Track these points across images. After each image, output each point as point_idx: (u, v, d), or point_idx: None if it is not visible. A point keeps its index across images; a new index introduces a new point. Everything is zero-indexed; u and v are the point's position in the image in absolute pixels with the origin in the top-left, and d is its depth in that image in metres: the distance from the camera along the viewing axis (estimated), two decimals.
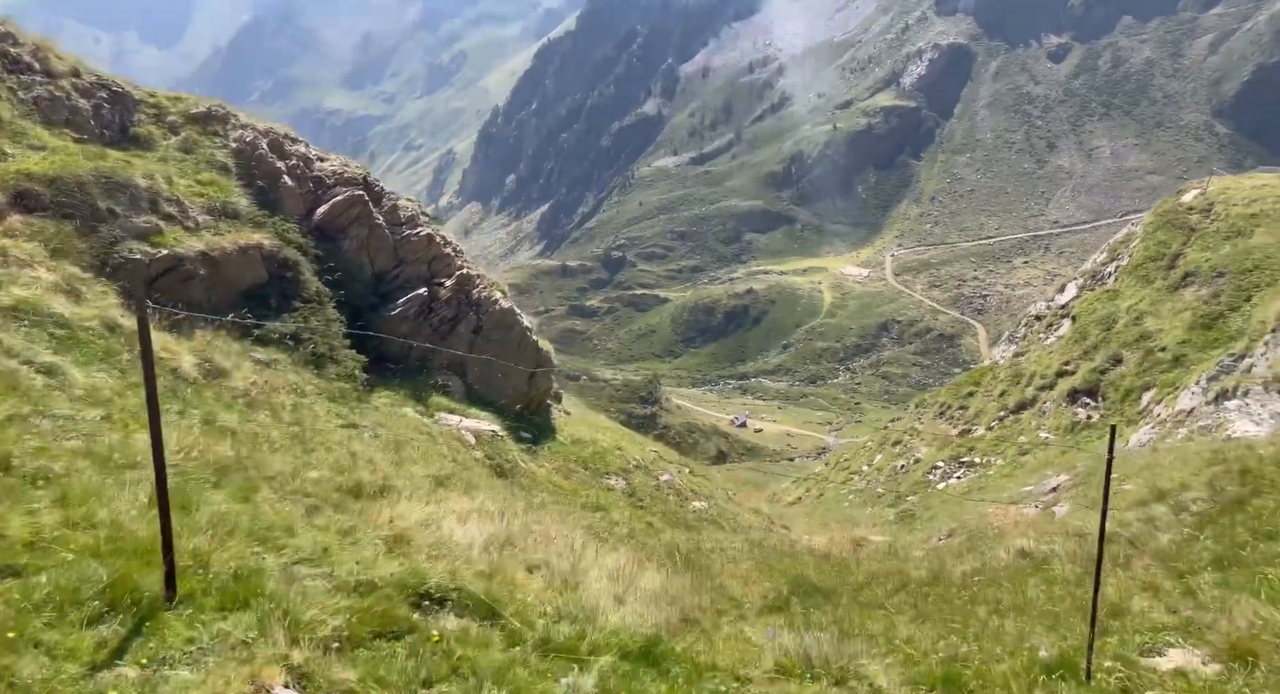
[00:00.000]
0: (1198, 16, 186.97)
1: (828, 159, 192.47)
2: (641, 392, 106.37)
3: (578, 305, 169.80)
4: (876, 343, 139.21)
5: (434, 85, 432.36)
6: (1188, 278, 20.80)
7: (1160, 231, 24.30)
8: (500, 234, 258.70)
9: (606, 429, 15.13)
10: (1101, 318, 21.64)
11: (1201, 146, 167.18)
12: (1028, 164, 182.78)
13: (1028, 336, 27.15)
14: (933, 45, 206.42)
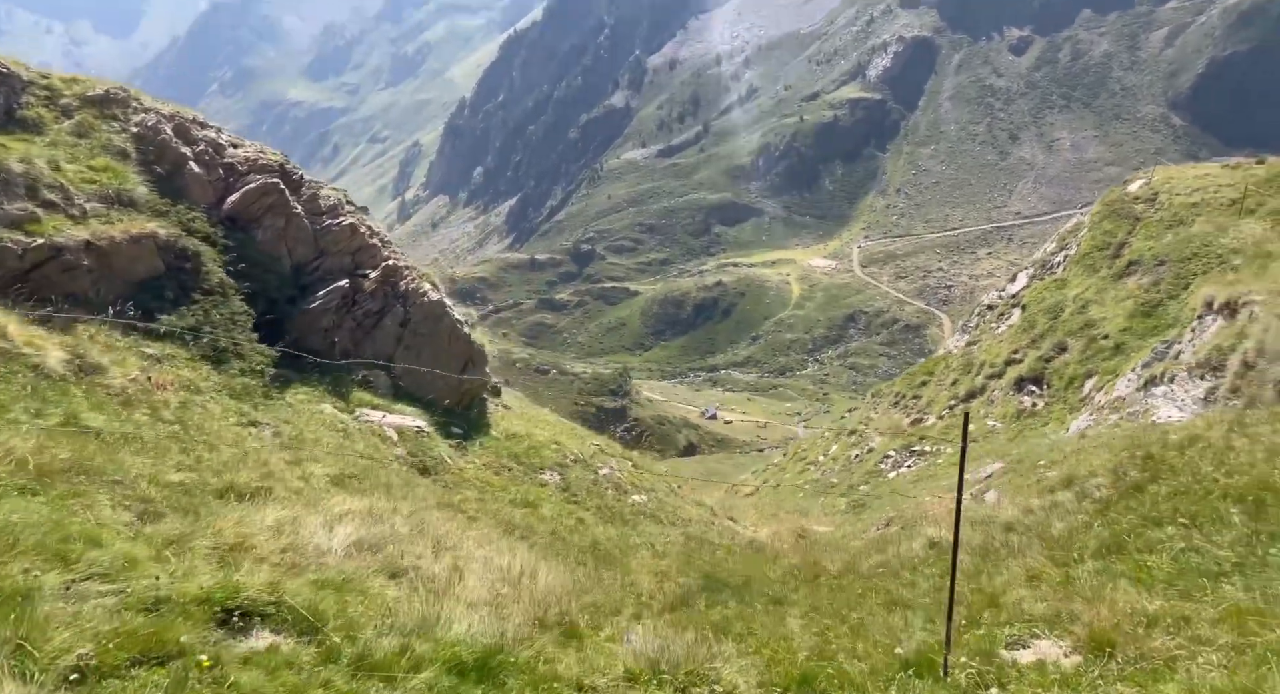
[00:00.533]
0: (1154, 10, 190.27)
1: (795, 151, 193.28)
2: (611, 385, 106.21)
3: (547, 299, 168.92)
4: (844, 334, 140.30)
5: (399, 77, 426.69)
6: (1131, 266, 21.18)
7: (1106, 221, 24.74)
8: (468, 227, 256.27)
9: (546, 423, 14.76)
10: (1049, 307, 22.00)
11: (1158, 138, 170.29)
12: (991, 156, 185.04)
13: (980, 326, 27.47)
14: (897, 38, 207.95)
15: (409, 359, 10.66)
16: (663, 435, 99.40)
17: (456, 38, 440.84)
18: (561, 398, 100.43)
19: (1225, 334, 12.91)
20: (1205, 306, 14.32)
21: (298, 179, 11.35)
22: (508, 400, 15.80)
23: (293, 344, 9.93)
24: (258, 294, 10.00)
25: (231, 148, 11.04)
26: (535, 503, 9.53)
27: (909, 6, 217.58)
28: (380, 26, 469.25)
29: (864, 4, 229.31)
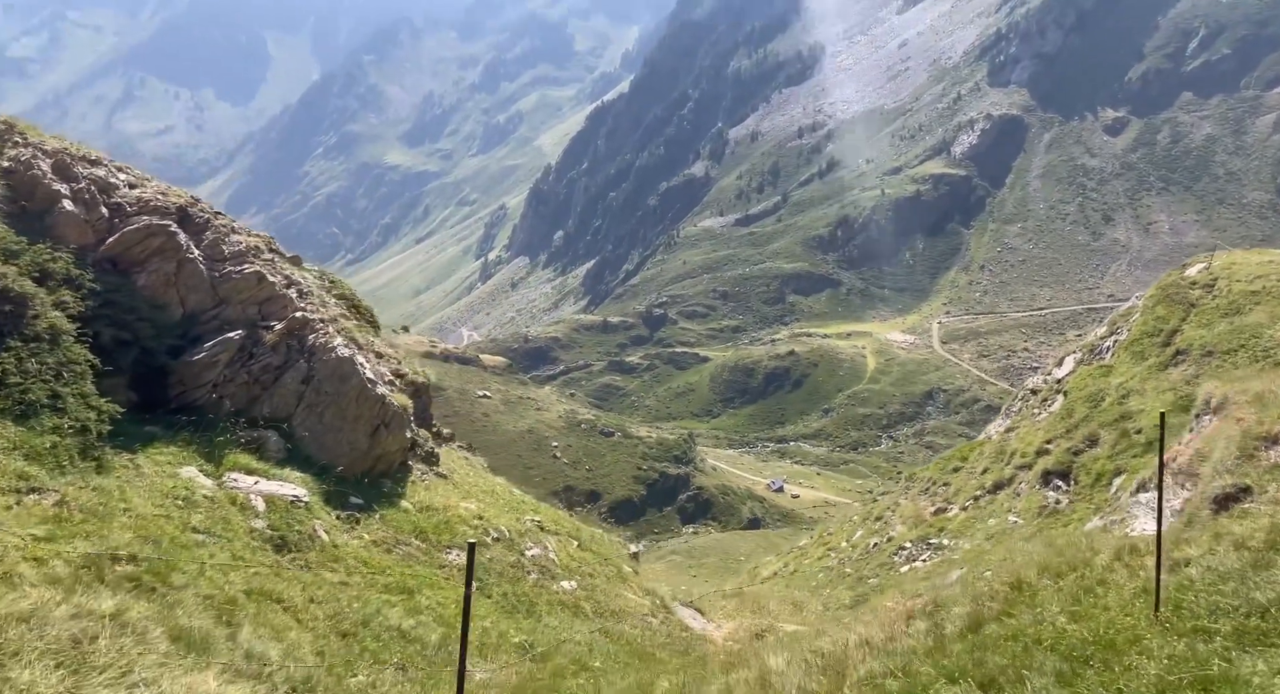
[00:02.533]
0: (1261, 95, 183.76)
1: (875, 224, 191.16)
2: (676, 451, 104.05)
3: (617, 361, 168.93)
4: (921, 411, 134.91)
5: (490, 143, 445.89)
6: (1178, 356, 19.73)
7: (1160, 306, 23.16)
8: (546, 288, 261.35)
9: (486, 494, 13.09)
10: (1090, 395, 20.52)
11: (1265, 225, 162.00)
12: (1082, 236, 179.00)
13: (1022, 411, 25.88)
14: (985, 115, 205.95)
15: (310, 420, 9.36)
16: (726, 506, 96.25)
17: (547, 107, 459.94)
18: (625, 461, 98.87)
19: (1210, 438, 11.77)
20: (1204, 404, 12.79)
21: (203, 222, 10.45)
22: (456, 466, 14.18)
23: (176, 400, 8.95)
24: (128, 344, 8.91)
25: (128, 187, 10.26)
26: (414, 589, 7.97)
27: (998, 85, 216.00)
28: (475, 96, 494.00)
29: (951, 82, 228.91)
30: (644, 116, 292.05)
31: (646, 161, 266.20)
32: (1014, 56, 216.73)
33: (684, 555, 78.68)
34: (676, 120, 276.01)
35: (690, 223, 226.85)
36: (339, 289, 14.72)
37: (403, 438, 10.67)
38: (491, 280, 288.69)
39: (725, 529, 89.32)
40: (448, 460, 14.30)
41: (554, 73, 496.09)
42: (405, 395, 11.74)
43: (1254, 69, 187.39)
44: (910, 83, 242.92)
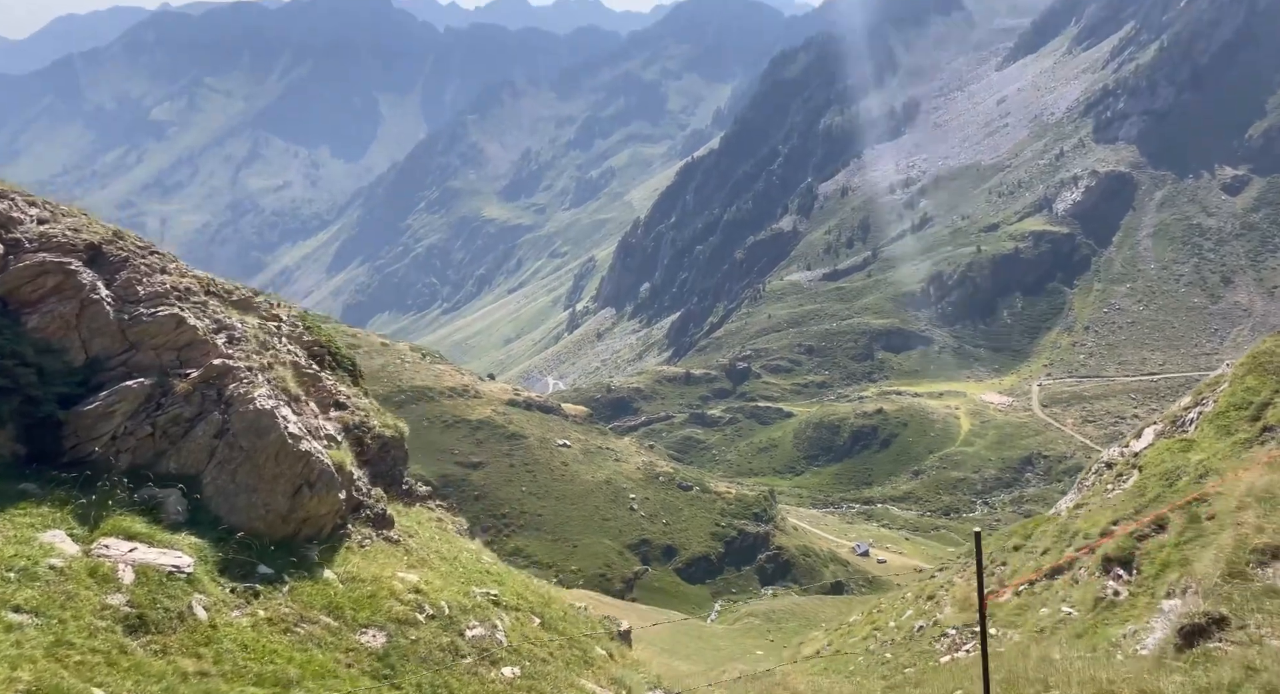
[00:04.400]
0: None
1: (970, 281, 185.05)
2: (756, 508, 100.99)
3: (699, 413, 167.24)
4: (1019, 477, 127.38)
5: (582, 198, 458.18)
6: (1266, 433, 17.20)
7: (1251, 376, 20.32)
8: (630, 339, 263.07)
9: (444, 562, 11.29)
10: (1166, 472, 18.05)
11: None
12: (1198, 298, 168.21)
13: (1095, 486, 23.09)
14: (1090, 172, 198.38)
15: (222, 478, 8.24)
16: (807, 568, 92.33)
17: (638, 163, 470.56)
18: (703, 517, 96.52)
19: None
20: (1247, 494, 10.70)
21: (119, 260, 9.53)
22: (421, 528, 12.66)
23: (70, 453, 8.12)
24: (7, 391, 7.97)
25: (37, 222, 9.35)
26: (294, 681, 6.41)
27: (1105, 142, 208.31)
28: (570, 153, 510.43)
29: (1053, 138, 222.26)
30: (733, 172, 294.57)
31: (734, 216, 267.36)
32: (1122, 112, 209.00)
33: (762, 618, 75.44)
34: (765, 176, 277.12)
35: (776, 277, 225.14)
36: (314, 334, 13.62)
37: (333, 499, 9.36)
38: (578, 330, 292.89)
39: (806, 592, 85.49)
40: (412, 522, 12.74)
41: (646, 130, 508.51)
42: (347, 452, 10.38)
43: None
44: (1009, 139, 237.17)
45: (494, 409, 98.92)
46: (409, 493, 13.85)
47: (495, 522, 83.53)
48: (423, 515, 13.64)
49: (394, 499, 12.43)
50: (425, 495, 14.86)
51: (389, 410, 14.51)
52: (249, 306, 11.65)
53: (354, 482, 10.03)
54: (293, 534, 8.49)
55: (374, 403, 14.28)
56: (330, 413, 11.30)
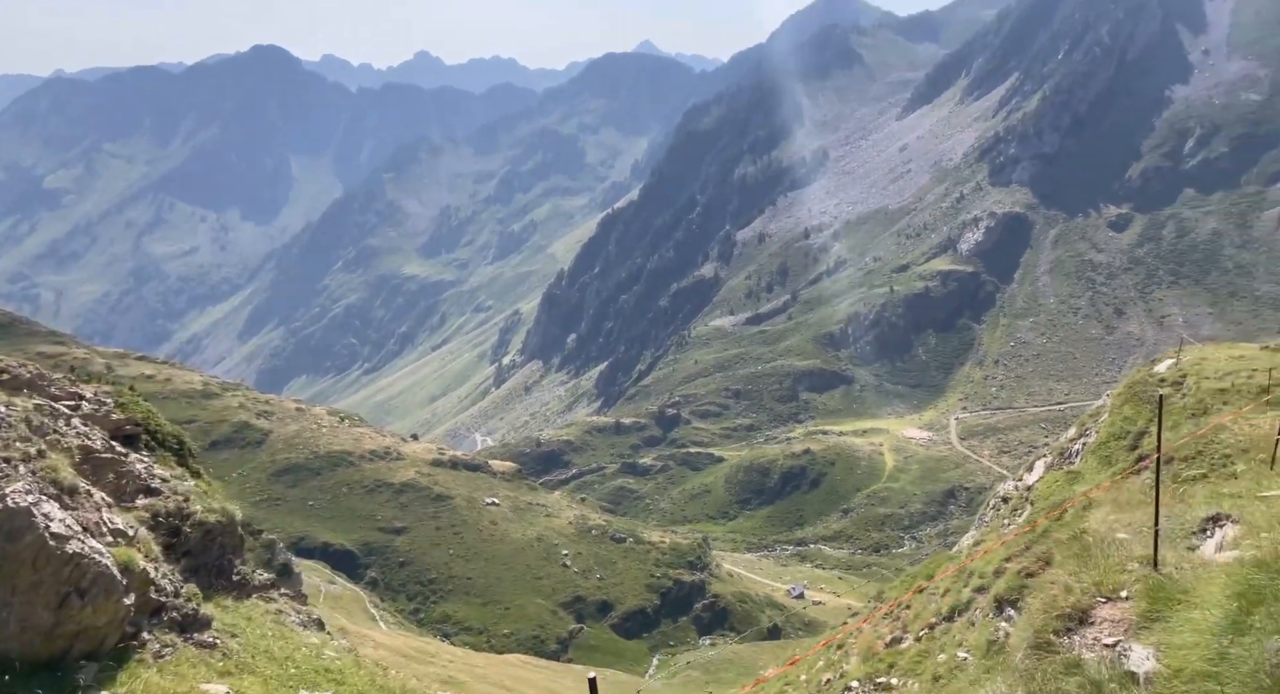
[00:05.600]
0: (1263, 190, 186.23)
1: (885, 321, 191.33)
2: (690, 556, 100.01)
3: (630, 463, 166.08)
4: (943, 510, 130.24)
5: (505, 251, 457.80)
6: (1143, 461, 17.74)
7: (1128, 406, 21.19)
8: (559, 391, 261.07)
9: (275, 662, 9.35)
10: (1055, 504, 18.20)
11: None
12: (1095, 330, 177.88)
13: (992, 521, 23.01)
14: (989, 213, 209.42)
15: None
16: (744, 615, 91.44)
17: (559, 216, 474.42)
18: (637, 568, 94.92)
19: None
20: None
21: None
22: (251, 625, 10.89)
23: None
24: None
25: None
26: None
27: (1000, 185, 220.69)
28: (490, 208, 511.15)
29: (954, 182, 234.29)
30: (653, 222, 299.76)
31: (657, 264, 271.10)
32: (1013, 157, 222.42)
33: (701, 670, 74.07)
34: (685, 224, 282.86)
35: (701, 323, 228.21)
36: (127, 412, 12.15)
37: (115, 606, 7.62)
38: (505, 385, 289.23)
39: (744, 640, 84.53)
40: (239, 618, 10.85)
41: (566, 183, 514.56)
42: (144, 547, 8.86)
43: (1253, 166, 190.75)
44: (913, 184, 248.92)
45: (418, 470, 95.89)
46: (242, 584, 12.21)
47: (422, 588, 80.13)
48: (256, 609, 12.07)
49: (220, 593, 11.08)
50: (264, 585, 13.19)
51: (295, 479, 13.03)
52: (25, 386, 10.27)
53: (151, 581, 8.58)
54: (61, 652, 6.86)
55: (205, 484, 12.65)
56: (136, 501, 10.03)
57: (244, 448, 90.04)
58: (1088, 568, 7.31)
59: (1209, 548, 7.21)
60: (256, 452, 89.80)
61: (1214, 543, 7.25)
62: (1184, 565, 6.63)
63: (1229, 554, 6.34)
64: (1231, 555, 6.12)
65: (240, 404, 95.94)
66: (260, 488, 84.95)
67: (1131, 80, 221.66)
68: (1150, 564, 6.85)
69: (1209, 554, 6.99)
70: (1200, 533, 7.69)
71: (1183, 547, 7.48)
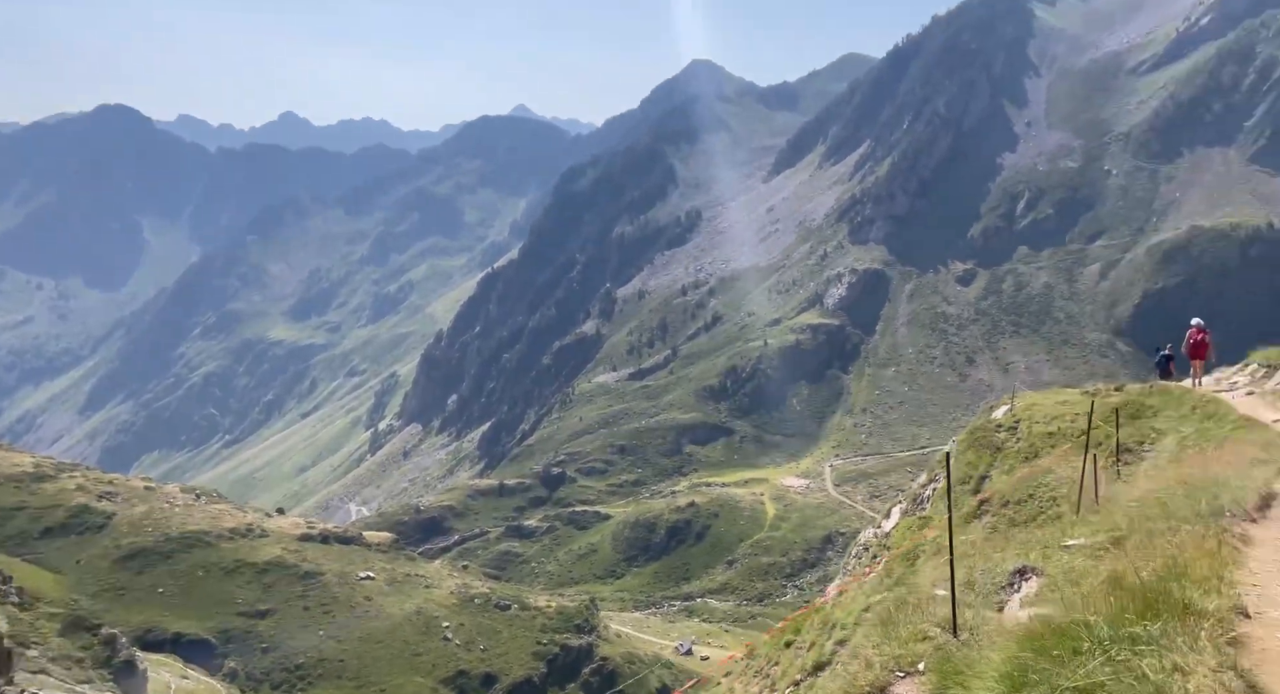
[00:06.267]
0: (1085, 247, 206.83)
1: (761, 373, 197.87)
2: (577, 619, 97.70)
3: (515, 525, 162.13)
4: (822, 556, 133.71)
5: (380, 313, 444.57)
6: (982, 506, 18.75)
7: (970, 451, 22.71)
8: (440, 454, 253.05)
9: None
10: (908, 551, 18.70)
11: (1107, 362, 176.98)
12: (950, 378, 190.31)
13: (855, 569, 23.54)
14: (850, 269, 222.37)
15: None
16: (633, 676, 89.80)
17: (437, 276, 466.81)
18: (523, 636, 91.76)
19: None
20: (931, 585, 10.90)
21: None
22: None
23: None
24: None
25: None
26: None
27: (859, 243, 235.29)
28: (364, 269, 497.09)
29: (817, 241, 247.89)
30: (534, 281, 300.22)
31: (539, 322, 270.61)
32: (869, 217, 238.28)
33: None
34: (566, 282, 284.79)
35: (585, 379, 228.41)
36: None
37: None
38: (382, 451, 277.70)
39: None
40: None
41: (444, 243, 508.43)
42: None
43: (1075, 226, 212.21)
44: (781, 242, 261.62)
45: (284, 547, 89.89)
46: None
47: (288, 675, 74.27)
48: None
49: None
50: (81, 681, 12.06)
51: (142, 565, 12.08)
52: None
53: None
54: None
55: None
56: None
57: (83, 534, 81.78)
58: (889, 639, 6.89)
59: (1014, 604, 7.00)
60: (98, 537, 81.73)
61: (1019, 598, 7.07)
62: (983, 629, 6.29)
63: (1028, 612, 6.07)
64: (1030, 614, 5.84)
65: (79, 486, 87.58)
66: (102, 577, 77.12)
67: (968, 148, 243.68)
68: (951, 630, 6.38)
69: (1013, 612, 6.69)
70: (1009, 587, 7.55)
71: (992, 603, 7.28)
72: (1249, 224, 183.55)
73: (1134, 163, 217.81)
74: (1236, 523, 6.28)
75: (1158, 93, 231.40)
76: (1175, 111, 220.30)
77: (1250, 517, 6.48)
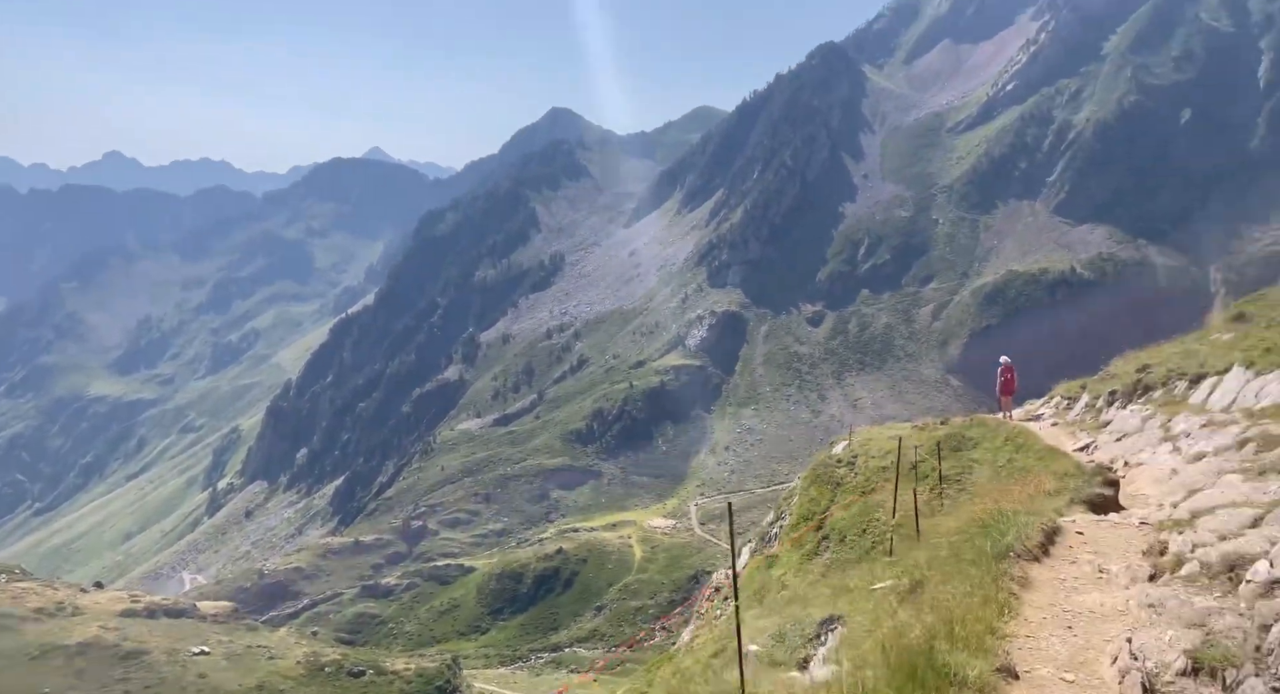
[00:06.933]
0: (919, 290, 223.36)
1: (627, 414, 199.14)
2: (438, 681, 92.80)
3: (372, 585, 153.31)
4: (689, 596, 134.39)
5: (220, 364, 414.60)
6: (824, 542, 18.95)
7: (814, 487, 23.17)
8: (288, 513, 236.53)
9: None
10: (757, 590, 18.71)
11: (943, 397, 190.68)
12: (805, 414, 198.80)
13: (707, 613, 22.96)
14: (710, 312, 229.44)
15: None
16: None
17: (285, 323, 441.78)
18: None
19: None
20: None
21: None
22: None
23: None
24: None
25: None
26: None
27: (717, 286, 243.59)
28: (202, 317, 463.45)
29: (678, 284, 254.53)
30: (392, 326, 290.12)
31: (397, 369, 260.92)
32: (725, 262, 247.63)
33: None
34: (427, 328, 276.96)
35: (447, 427, 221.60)
36: None
37: None
38: (221, 512, 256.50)
39: None
40: None
41: (294, 289, 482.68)
42: None
43: (909, 270, 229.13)
44: (643, 286, 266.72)
45: (102, 625, 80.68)
46: None
47: None
48: None
49: None
50: None
51: None
52: None
53: None
54: None
55: None
56: None
57: None
58: None
59: (818, 660, 6.73)
60: None
61: (822, 653, 6.84)
62: None
63: (826, 671, 5.78)
64: (827, 675, 5.54)
65: None
66: None
67: (813, 197, 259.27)
68: None
69: (813, 671, 6.33)
70: (816, 638, 7.37)
71: (797, 659, 7.02)
72: (1055, 269, 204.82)
73: (957, 213, 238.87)
74: (1019, 563, 6.58)
75: (974, 150, 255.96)
76: (989, 167, 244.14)
77: (1033, 555, 6.84)
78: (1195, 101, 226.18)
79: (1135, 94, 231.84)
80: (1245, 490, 7.43)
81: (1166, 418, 16.30)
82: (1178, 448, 13.68)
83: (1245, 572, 5.29)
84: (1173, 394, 18.29)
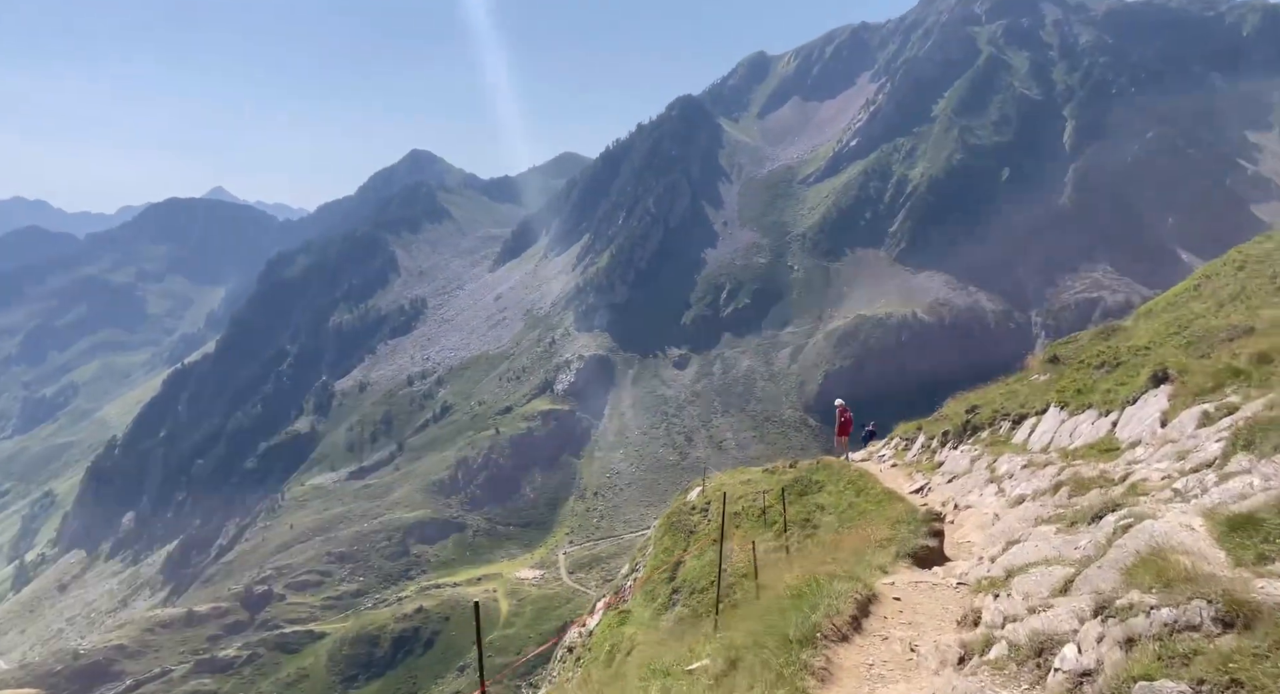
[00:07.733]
0: (777, 333, 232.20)
1: (494, 462, 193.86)
2: None
3: (207, 658, 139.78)
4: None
5: (33, 421, 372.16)
6: (674, 595, 18.27)
7: (667, 536, 22.61)
8: (110, 584, 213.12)
9: None
10: (609, 650, 17.76)
11: (802, 437, 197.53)
12: (672, 457, 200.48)
13: (560, 675, 22.15)
14: (578, 356, 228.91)
15: None
16: None
17: (111, 375, 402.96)
18: None
19: None
20: None
21: None
22: None
23: None
24: None
25: None
26: None
27: (585, 330, 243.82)
28: (11, 370, 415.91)
29: (545, 328, 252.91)
30: (235, 376, 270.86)
31: (241, 423, 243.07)
32: (593, 306, 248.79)
33: None
34: (275, 377, 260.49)
35: (297, 482, 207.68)
36: None
37: None
38: (30, 586, 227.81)
39: None
40: None
41: (121, 337, 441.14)
42: None
43: (768, 314, 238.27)
44: (509, 330, 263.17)
45: None
46: None
47: None
48: None
49: None
50: None
51: None
52: None
53: None
54: None
55: None
56: None
57: None
58: None
59: None
60: None
61: None
62: None
63: None
64: None
65: None
66: None
67: (676, 243, 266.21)
68: None
69: None
70: None
71: None
72: (899, 313, 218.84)
73: (810, 260, 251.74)
74: (826, 648, 5.98)
75: (823, 201, 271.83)
76: (838, 217, 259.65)
77: (842, 634, 6.30)
78: (1013, 161, 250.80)
79: (961, 153, 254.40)
80: (1057, 543, 7.26)
81: (993, 458, 16.74)
82: (1002, 490, 13.93)
83: (1054, 658, 4.81)
84: (998, 434, 18.95)
